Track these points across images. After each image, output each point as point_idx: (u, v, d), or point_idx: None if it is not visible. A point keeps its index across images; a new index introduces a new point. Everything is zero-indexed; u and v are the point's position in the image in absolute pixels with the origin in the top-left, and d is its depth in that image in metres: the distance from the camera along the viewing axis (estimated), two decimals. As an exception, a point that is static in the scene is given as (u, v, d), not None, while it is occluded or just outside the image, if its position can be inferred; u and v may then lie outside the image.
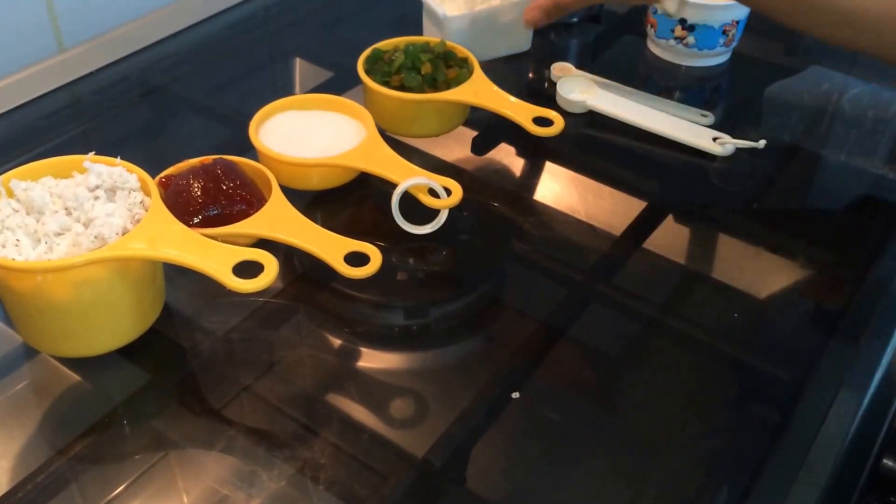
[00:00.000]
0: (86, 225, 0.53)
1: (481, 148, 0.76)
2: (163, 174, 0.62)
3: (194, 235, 0.54)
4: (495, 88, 0.72)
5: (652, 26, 0.86)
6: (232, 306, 0.60)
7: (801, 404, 0.55)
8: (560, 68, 0.83)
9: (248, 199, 0.60)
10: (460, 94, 0.71)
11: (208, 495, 0.49)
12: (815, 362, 0.58)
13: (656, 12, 0.84)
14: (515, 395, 0.54)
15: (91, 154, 0.57)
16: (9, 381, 0.56)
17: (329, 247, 0.58)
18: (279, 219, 0.60)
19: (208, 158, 0.63)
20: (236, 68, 0.87)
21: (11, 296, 0.53)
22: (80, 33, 0.84)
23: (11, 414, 0.53)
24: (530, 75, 0.86)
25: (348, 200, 0.69)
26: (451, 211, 0.64)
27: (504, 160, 0.76)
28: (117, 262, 0.52)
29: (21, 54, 0.81)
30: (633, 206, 0.70)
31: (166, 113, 0.81)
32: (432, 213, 0.64)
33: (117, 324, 0.55)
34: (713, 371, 0.58)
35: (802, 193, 0.74)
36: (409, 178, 0.63)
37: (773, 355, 0.58)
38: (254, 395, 0.54)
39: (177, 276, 0.58)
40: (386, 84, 0.71)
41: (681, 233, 0.70)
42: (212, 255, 0.53)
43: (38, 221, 0.53)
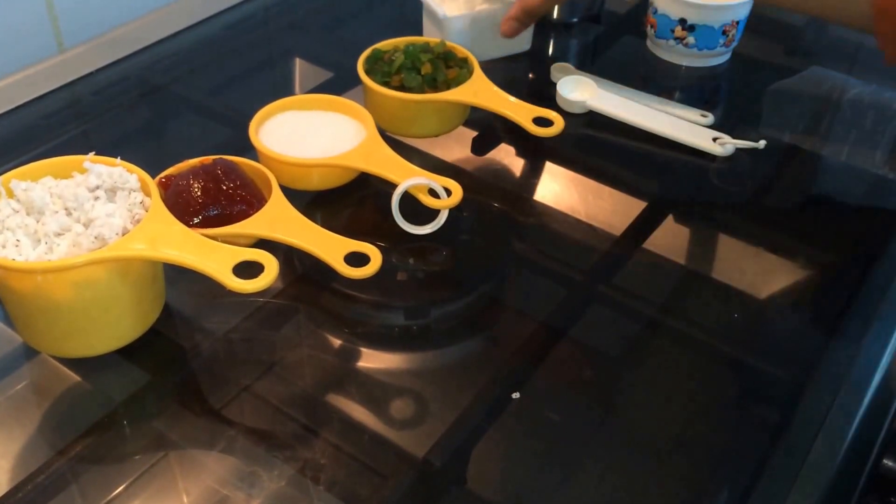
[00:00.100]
0: (86, 225, 0.53)
1: (481, 148, 0.76)
2: (163, 174, 0.62)
3: (194, 236, 0.54)
4: (495, 89, 0.72)
5: (652, 26, 0.86)
6: (232, 306, 0.60)
7: (801, 404, 0.55)
8: (560, 68, 0.83)
9: (248, 199, 0.60)
10: (460, 94, 0.71)
11: (208, 496, 0.49)
12: (815, 362, 0.58)
13: (656, 12, 0.84)
14: (516, 395, 0.54)
15: (91, 154, 0.57)
16: (9, 381, 0.56)
17: (329, 247, 0.58)
18: (279, 219, 0.60)
19: (208, 159, 0.63)
20: (236, 68, 0.87)
21: (11, 296, 0.53)
22: (80, 33, 0.84)
23: (11, 414, 0.53)
24: (530, 75, 0.86)
25: (348, 201, 0.69)
26: (451, 211, 0.64)
27: (504, 160, 0.76)
28: (117, 262, 0.52)
29: (21, 54, 0.81)
30: (633, 206, 0.70)
31: (166, 113, 0.81)
32: (432, 214, 0.64)
33: (117, 324, 0.55)
34: (713, 371, 0.58)
35: (802, 193, 0.74)
36: (409, 178, 0.63)
37: (774, 355, 0.58)
38: (254, 395, 0.54)
39: (177, 276, 0.58)
40: (386, 84, 0.71)
41: (681, 233, 0.70)
42: (212, 255, 0.53)
43: (38, 222, 0.53)
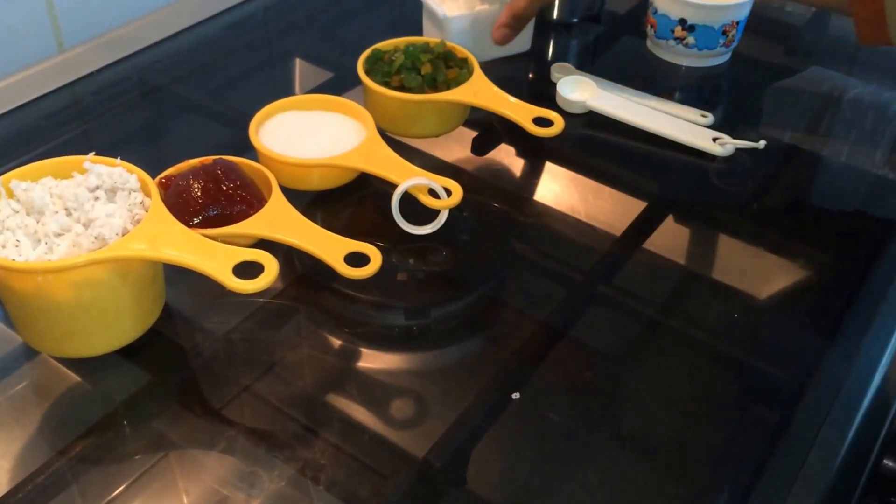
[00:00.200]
0: (86, 225, 0.53)
1: (481, 148, 0.76)
2: (163, 175, 0.62)
3: (194, 236, 0.54)
4: (495, 89, 0.72)
5: (652, 26, 0.86)
6: (232, 307, 0.60)
7: (801, 404, 0.55)
8: (560, 68, 0.83)
9: (248, 199, 0.60)
10: (460, 94, 0.71)
11: (208, 496, 0.49)
12: (815, 362, 0.58)
13: (656, 12, 0.84)
14: (516, 395, 0.54)
15: (91, 154, 0.57)
16: (9, 381, 0.56)
17: (329, 247, 0.58)
18: (279, 219, 0.60)
19: (208, 159, 0.63)
20: (236, 69, 0.87)
21: (12, 296, 0.53)
22: (81, 33, 0.84)
23: (11, 414, 0.53)
24: (530, 76, 0.86)
25: (348, 201, 0.69)
26: (452, 211, 0.64)
27: (504, 160, 0.76)
28: (117, 262, 0.52)
29: (21, 54, 0.81)
30: (633, 206, 0.70)
31: (166, 113, 0.81)
32: (432, 214, 0.64)
33: (117, 324, 0.55)
34: (713, 371, 0.58)
35: (802, 193, 0.74)
36: (409, 178, 0.63)
37: (774, 355, 0.58)
38: (254, 395, 0.54)
39: (177, 276, 0.58)
40: (386, 84, 0.71)
41: (681, 233, 0.70)
42: (212, 255, 0.53)
43: (38, 222, 0.53)
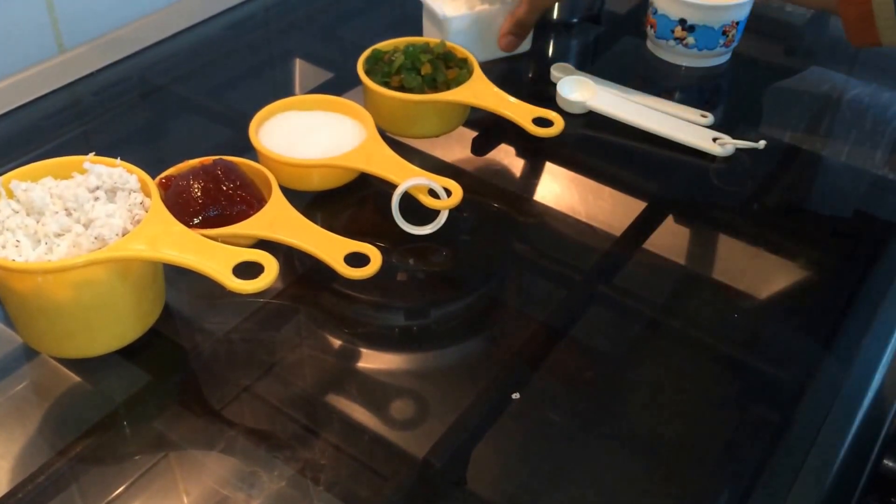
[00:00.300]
0: (86, 226, 0.53)
1: (481, 148, 0.76)
2: (163, 175, 0.62)
3: (194, 236, 0.54)
4: (495, 89, 0.72)
5: (652, 27, 0.86)
6: (232, 307, 0.60)
7: (801, 404, 0.55)
8: (560, 69, 0.83)
9: (248, 199, 0.60)
10: (460, 94, 0.71)
11: (209, 496, 0.49)
12: (815, 362, 0.58)
13: (656, 12, 0.84)
14: (515, 395, 0.54)
15: (91, 155, 0.57)
16: (9, 381, 0.56)
17: (329, 247, 0.58)
18: (279, 219, 0.60)
19: (208, 159, 0.63)
20: (236, 69, 0.87)
21: (12, 297, 0.53)
22: (81, 34, 0.84)
23: (12, 415, 0.53)
24: (530, 76, 0.86)
25: (348, 201, 0.69)
26: (452, 211, 0.64)
27: (504, 161, 0.76)
28: (117, 262, 0.52)
29: (21, 55, 0.81)
30: (633, 206, 0.70)
31: (166, 114, 0.81)
32: (432, 214, 0.64)
33: (117, 324, 0.55)
34: (713, 371, 0.58)
35: (802, 193, 0.74)
36: (409, 178, 0.63)
37: (774, 355, 0.58)
38: (254, 395, 0.54)
39: (177, 276, 0.58)
40: (386, 85, 0.71)
41: (681, 233, 0.70)
42: (212, 255, 0.53)
43: (38, 222, 0.53)
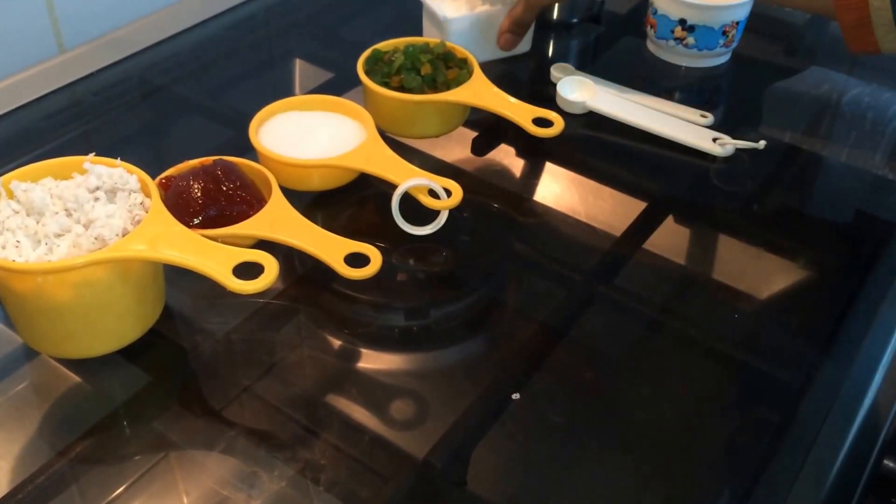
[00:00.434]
0: (86, 226, 0.53)
1: (481, 149, 0.76)
2: (163, 175, 0.62)
3: (194, 237, 0.54)
4: (495, 89, 0.72)
5: (652, 27, 0.86)
6: (232, 307, 0.60)
7: (801, 404, 0.55)
8: (560, 69, 0.83)
9: (248, 200, 0.60)
10: (460, 94, 0.71)
11: (209, 496, 0.49)
12: (815, 362, 0.58)
13: (656, 13, 0.84)
14: (516, 396, 0.54)
15: (91, 155, 0.57)
16: (9, 382, 0.56)
17: (329, 248, 0.58)
18: (279, 220, 0.60)
19: (208, 159, 0.63)
20: (236, 69, 0.87)
21: (11, 297, 0.53)
22: (81, 34, 0.84)
23: (12, 415, 0.53)
24: (530, 76, 0.86)
25: (348, 201, 0.69)
26: (452, 212, 0.64)
27: (504, 161, 0.76)
28: (117, 263, 0.52)
29: (22, 55, 0.81)
30: (633, 206, 0.70)
31: (167, 114, 0.81)
32: (432, 214, 0.64)
33: (118, 325, 0.55)
34: (714, 372, 0.58)
35: (802, 194, 0.74)
36: (409, 179, 0.63)
37: (774, 356, 0.58)
38: (254, 396, 0.54)
39: (177, 277, 0.58)
40: (386, 85, 0.71)
41: (681, 233, 0.70)
42: (212, 256, 0.53)
43: (38, 223, 0.53)
